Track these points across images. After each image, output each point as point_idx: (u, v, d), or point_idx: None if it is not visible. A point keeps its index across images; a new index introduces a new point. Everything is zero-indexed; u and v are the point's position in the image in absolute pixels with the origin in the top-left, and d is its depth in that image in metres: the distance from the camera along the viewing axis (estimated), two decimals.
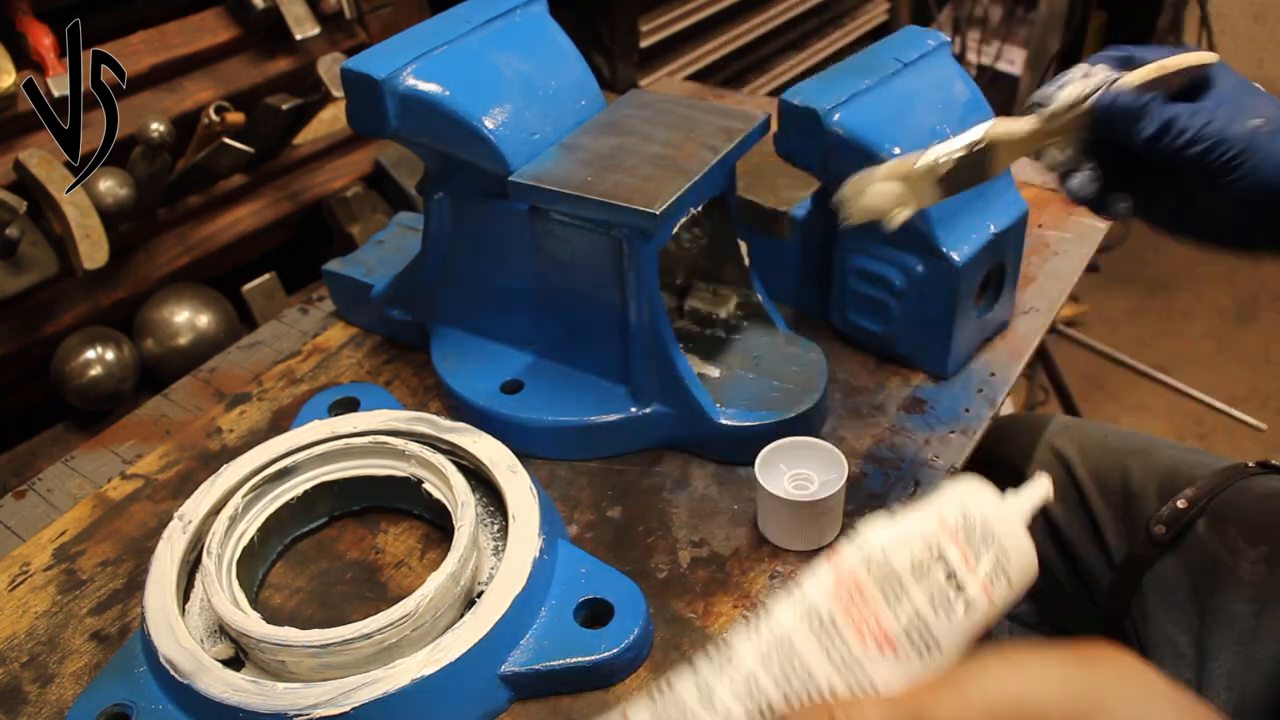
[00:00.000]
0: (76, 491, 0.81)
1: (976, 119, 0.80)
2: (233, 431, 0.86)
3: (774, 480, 0.71)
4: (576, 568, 0.67)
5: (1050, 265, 0.97)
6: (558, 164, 0.74)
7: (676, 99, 0.83)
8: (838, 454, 0.71)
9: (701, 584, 0.70)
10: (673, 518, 0.75)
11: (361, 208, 1.21)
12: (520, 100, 0.76)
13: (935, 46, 0.83)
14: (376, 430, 0.75)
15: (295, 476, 0.73)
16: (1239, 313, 2.33)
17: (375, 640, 0.60)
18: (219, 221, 1.14)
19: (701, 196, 0.76)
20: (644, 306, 0.75)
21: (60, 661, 0.68)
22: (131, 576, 0.73)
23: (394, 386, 0.89)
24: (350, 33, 1.19)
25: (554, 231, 0.76)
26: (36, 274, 0.95)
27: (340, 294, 0.97)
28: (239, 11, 1.10)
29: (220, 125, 1.03)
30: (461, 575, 0.64)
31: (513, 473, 0.70)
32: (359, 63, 0.74)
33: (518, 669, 0.62)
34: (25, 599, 0.72)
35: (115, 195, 0.96)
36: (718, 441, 0.78)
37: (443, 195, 0.82)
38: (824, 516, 0.70)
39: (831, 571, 0.48)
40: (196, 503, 0.70)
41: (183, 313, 1.06)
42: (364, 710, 0.57)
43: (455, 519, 0.66)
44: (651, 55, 1.56)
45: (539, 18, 0.82)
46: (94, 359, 0.99)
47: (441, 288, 0.87)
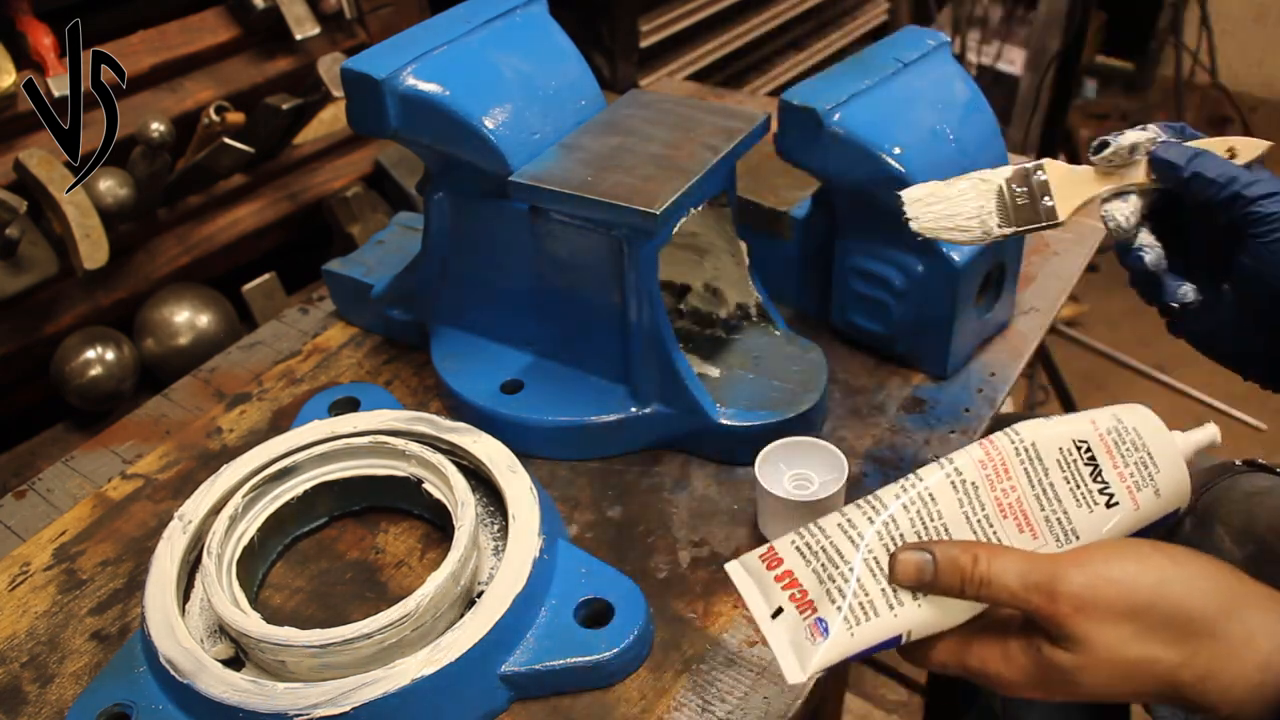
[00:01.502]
0: (76, 491, 0.81)
1: (976, 119, 0.81)
2: (233, 431, 0.86)
3: (774, 480, 0.71)
4: (576, 568, 0.67)
5: (1050, 265, 0.97)
6: (558, 164, 0.74)
7: (676, 99, 0.83)
8: (838, 454, 0.71)
9: (701, 584, 0.70)
10: (673, 518, 0.75)
11: (361, 208, 1.21)
12: (520, 100, 0.76)
13: (935, 46, 0.83)
14: (376, 430, 0.75)
15: (295, 476, 0.73)
16: None
17: (375, 640, 0.60)
18: (219, 221, 1.14)
19: (701, 196, 0.76)
20: (644, 306, 0.75)
21: (60, 661, 0.68)
22: (131, 576, 0.73)
23: (394, 386, 0.89)
24: (350, 33, 1.19)
25: (554, 231, 0.76)
26: (36, 274, 0.95)
27: (340, 294, 0.97)
28: (239, 11, 1.10)
29: (220, 125, 1.03)
30: (461, 575, 0.64)
31: (513, 473, 0.70)
32: (359, 63, 0.74)
33: (518, 669, 0.62)
34: (25, 599, 0.72)
35: (115, 195, 0.96)
36: (718, 441, 0.78)
37: (443, 195, 0.82)
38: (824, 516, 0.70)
39: (980, 448, 0.50)
40: (196, 503, 0.70)
41: (183, 313, 1.06)
42: (364, 710, 0.57)
43: (455, 519, 0.66)
44: (651, 55, 1.56)
45: (539, 18, 0.82)
46: (94, 359, 0.99)
47: (441, 288, 0.87)
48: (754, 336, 0.84)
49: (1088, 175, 0.61)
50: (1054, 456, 0.49)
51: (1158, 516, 0.50)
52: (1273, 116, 2.97)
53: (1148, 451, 0.49)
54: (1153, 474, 0.49)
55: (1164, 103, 2.62)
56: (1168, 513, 0.50)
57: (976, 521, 0.48)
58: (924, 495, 0.49)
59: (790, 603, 0.48)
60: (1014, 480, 0.49)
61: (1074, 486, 0.49)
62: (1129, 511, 0.49)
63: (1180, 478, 0.49)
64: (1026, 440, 0.49)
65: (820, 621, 0.47)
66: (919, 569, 0.47)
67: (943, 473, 0.49)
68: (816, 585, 0.48)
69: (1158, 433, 0.50)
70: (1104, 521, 0.49)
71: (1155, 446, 0.49)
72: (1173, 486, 0.49)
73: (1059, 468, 0.49)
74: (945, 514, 0.48)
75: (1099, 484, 0.49)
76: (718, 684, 0.63)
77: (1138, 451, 0.49)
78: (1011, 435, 0.50)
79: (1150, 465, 0.49)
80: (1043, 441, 0.49)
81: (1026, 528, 0.48)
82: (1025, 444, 0.49)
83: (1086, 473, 0.49)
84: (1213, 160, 0.58)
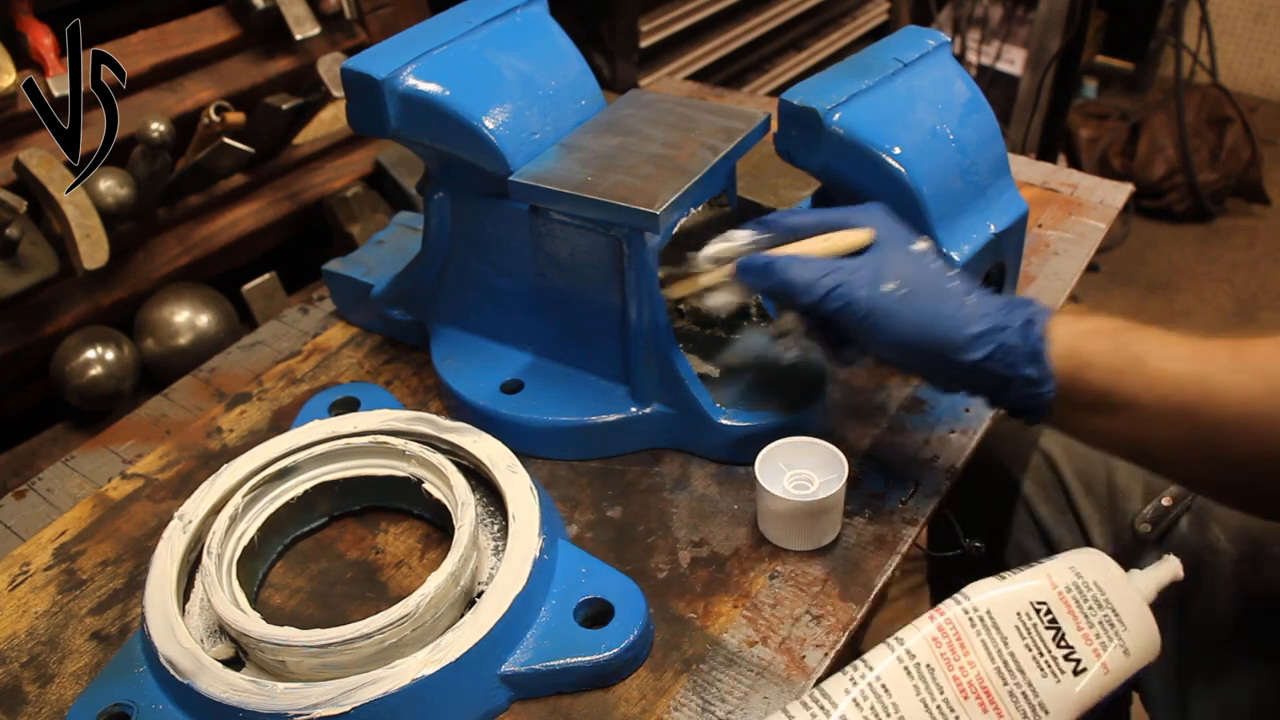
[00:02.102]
0: (76, 491, 0.81)
1: (976, 119, 0.81)
2: (233, 431, 0.86)
3: (774, 480, 0.71)
4: (576, 568, 0.67)
5: (1050, 265, 0.97)
6: (558, 164, 0.74)
7: (676, 99, 0.83)
8: (838, 454, 0.71)
9: (701, 584, 0.70)
10: (673, 518, 0.75)
11: (361, 208, 1.21)
12: (520, 100, 0.76)
13: (935, 46, 0.82)
14: (376, 430, 0.75)
15: (295, 476, 0.73)
16: (1238, 312, 2.33)
17: (375, 640, 0.60)
18: (219, 221, 1.14)
19: (701, 196, 0.76)
20: (644, 306, 0.75)
21: (60, 661, 0.68)
22: (131, 576, 0.73)
23: (394, 386, 0.89)
24: (350, 33, 1.19)
25: (554, 231, 0.76)
26: (36, 274, 0.95)
27: (340, 294, 0.97)
28: (239, 11, 1.10)
29: (220, 125, 1.03)
30: (461, 575, 0.64)
31: (513, 473, 0.70)
32: (359, 63, 0.74)
33: (518, 669, 0.62)
34: (25, 599, 0.72)
35: (115, 195, 0.96)
36: (718, 441, 0.78)
37: (443, 195, 0.82)
38: (824, 516, 0.70)
39: (931, 621, 0.46)
40: (196, 503, 0.70)
41: (183, 313, 1.06)
42: (364, 710, 0.57)
43: (455, 519, 0.66)
44: (651, 55, 1.56)
45: (539, 18, 0.82)
46: (94, 359, 0.99)
47: (441, 288, 0.87)
48: (754, 336, 0.84)
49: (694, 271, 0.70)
50: (1012, 623, 0.46)
51: (1129, 675, 0.47)
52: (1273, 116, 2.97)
53: (1111, 607, 0.46)
54: (1119, 631, 0.46)
55: (1164, 103, 2.62)
56: (1136, 671, 0.47)
57: (936, 708, 0.45)
58: (875, 687, 0.45)
59: None
60: (972, 656, 0.45)
61: (1037, 654, 0.45)
62: (1098, 675, 0.45)
63: (1148, 630, 0.46)
64: (981, 608, 0.46)
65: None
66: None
67: (893, 656, 0.46)
68: None
69: (1119, 583, 0.47)
70: (1071, 689, 0.45)
71: (1118, 600, 0.46)
72: (1140, 641, 0.46)
73: (1019, 635, 0.46)
74: (902, 705, 0.45)
75: (1064, 649, 0.45)
76: (718, 684, 0.63)
77: (1101, 609, 0.46)
78: (964, 603, 0.46)
79: (1116, 622, 0.46)
80: (998, 608, 0.46)
81: (990, 707, 0.45)
82: (980, 613, 0.46)
83: (1049, 637, 0.46)
84: (782, 268, 0.64)
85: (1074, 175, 1.10)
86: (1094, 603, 0.46)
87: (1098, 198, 1.07)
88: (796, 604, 0.67)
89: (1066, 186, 1.09)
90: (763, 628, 0.66)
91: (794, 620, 0.66)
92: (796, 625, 0.66)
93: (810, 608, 0.67)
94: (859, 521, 0.73)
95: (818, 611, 0.67)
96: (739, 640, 0.65)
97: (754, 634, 0.66)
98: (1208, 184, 2.56)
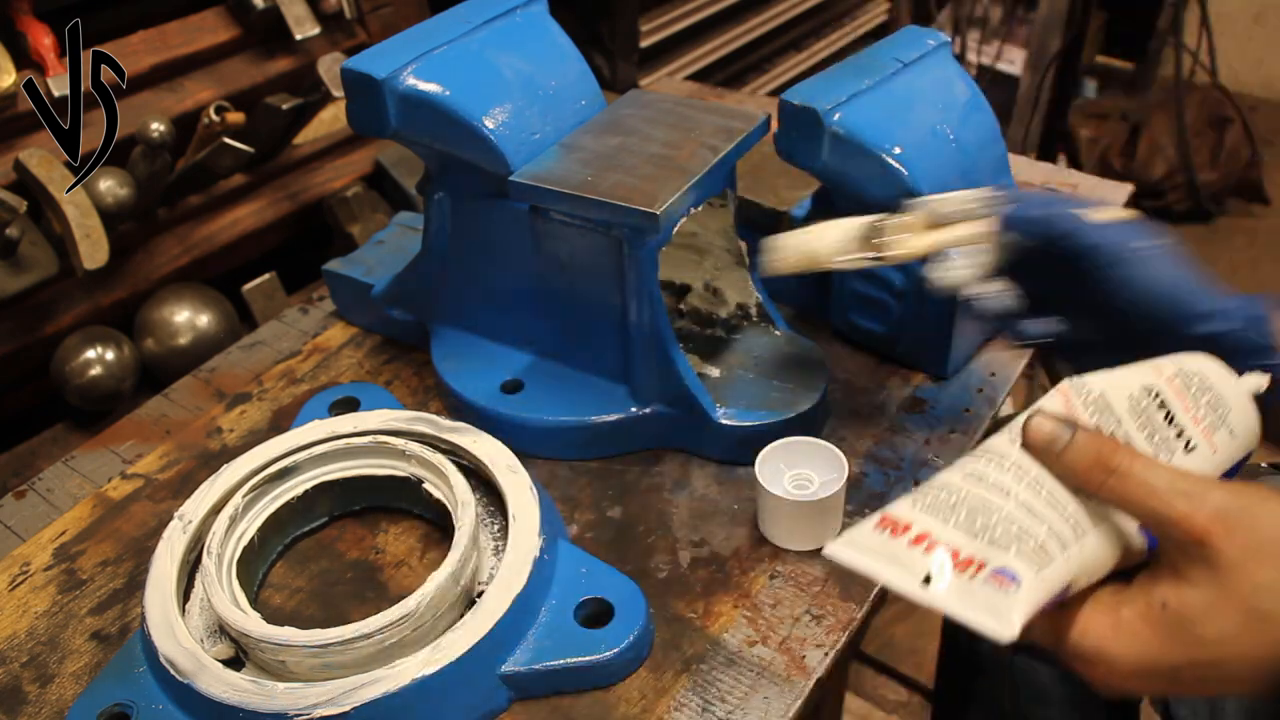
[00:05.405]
0: (76, 491, 0.81)
1: (976, 119, 0.81)
2: (233, 431, 0.86)
3: (774, 480, 0.71)
4: (576, 568, 0.67)
5: None
6: (558, 164, 0.74)
7: (676, 99, 0.83)
8: (838, 454, 0.71)
9: (702, 584, 0.70)
10: (673, 518, 0.75)
11: (361, 208, 1.21)
12: (520, 100, 0.76)
13: (935, 46, 0.83)
14: (376, 430, 0.75)
15: (295, 476, 0.73)
16: None
17: (375, 640, 0.60)
18: (219, 221, 1.14)
19: (701, 196, 0.76)
20: (644, 306, 0.75)
21: (60, 661, 0.68)
22: (131, 576, 0.73)
23: (394, 386, 0.89)
24: (350, 33, 1.19)
25: (554, 231, 0.76)
26: (36, 274, 0.95)
27: (340, 294, 0.97)
28: (239, 11, 1.10)
29: (220, 125, 1.03)
30: (461, 575, 0.64)
31: (513, 473, 0.70)
32: (359, 63, 0.74)
33: (518, 669, 0.62)
34: (25, 599, 0.72)
35: (115, 195, 0.96)
36: (718, 441, 0.78)
37: (443, 195, 0.82)
38: (824, 516, 0.70)
39: (1058, 397, 0.48)
40: (196, 503, 0.70)
41: (183, 313, 1.06)
42: (364, 710, 0.57)
43: (455, 519, 0.66)
44: (651, 55, 1.56)
45: (539, 18, 0.82)
46: (94, 359, 0.99)
47: (441, 288, 0.87)
48: (754, 336, 0.84)
49: (930, 228, 0.65)
50: (1124, 405, 0.47)
51: (1234, 460, 0.48)
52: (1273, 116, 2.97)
53: (1215, 390, 0.48)
54: (1225, 415, 0.47)
55: (1164, 103, 2.62)
56: (1241, 456, 0.48)
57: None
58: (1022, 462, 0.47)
59: (946, 564, 0.43)
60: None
61: (1149, 434, 0.47)
62: (1207, 455, 0.47)
63: (1250, 417, 0.48)
64: (1095, 390, 0.47)
65: (1003, 571, 0.42)
66: (1052, 436, 0.44)
67: (1007, 435, 0.47)
68: (971, 540, 0.44)
69: (1222, 374, 0.48)
70: (1182, 465, 0.46)
71: (1221, 385, 0.48)
72: (1244, 426, 0.48)
73: (1131, 416, 0.47)
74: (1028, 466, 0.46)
75: (1174, 429, 0.47)
76: (718, 684, 0.63)
77: (1207, 393, 0.48)
78: (1078, 384, 0.48)
79: (1220, 405, 0.47)
80: (1111, 391, 0.47)
81: None
82: (1094, 395, 0.47)
83: (1160, 418, 0.47)
84: (1061, 209, 0.60)
85: (1074, 175, 1.10)
86: (1200, 387, 0.48)
87: (1098, 198, 1.07)
88: (796, 604, 0.67)
89: (1067, 186, 1.09)
90: (763, 628, 0.66)
91: (794, 620, 0.66)
92: (797, 625, 0.66)
93: (810, 607, 0.67)
94: (859, 521, 0.73)
95: (818, 611, 0.67)
96: (739, 640, 0.65)
97: (754, 634, 0.66)
98: (1208, 184, 2.56)
